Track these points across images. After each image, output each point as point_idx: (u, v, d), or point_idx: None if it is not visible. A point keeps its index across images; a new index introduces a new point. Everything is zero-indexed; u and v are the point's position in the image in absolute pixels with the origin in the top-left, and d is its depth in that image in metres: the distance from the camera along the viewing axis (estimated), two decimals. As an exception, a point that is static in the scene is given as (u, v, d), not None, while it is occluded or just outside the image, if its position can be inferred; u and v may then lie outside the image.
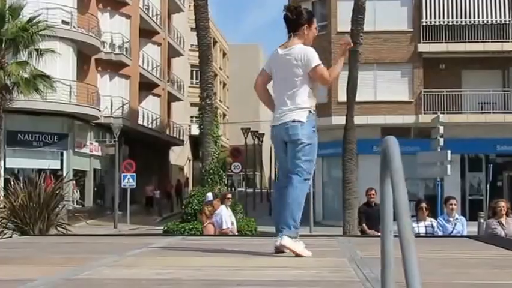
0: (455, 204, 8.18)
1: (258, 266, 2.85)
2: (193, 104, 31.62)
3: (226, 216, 7.90)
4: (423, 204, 8.28)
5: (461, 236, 6.63)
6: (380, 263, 1.42)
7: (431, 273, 2.33)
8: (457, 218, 8.07)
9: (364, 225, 9.79)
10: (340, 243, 4.33)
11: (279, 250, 3.06)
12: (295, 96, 3.26)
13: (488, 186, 17.33)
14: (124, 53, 24.22)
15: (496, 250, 3.70)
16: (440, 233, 7.86)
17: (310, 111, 3.25)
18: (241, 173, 28.59)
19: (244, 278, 2.47)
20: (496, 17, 20.53)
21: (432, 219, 8.32)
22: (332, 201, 21.09)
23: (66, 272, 2.61)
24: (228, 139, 28.62)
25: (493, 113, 20.47)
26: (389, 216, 1.38)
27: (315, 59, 3.26)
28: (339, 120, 16.70)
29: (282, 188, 3.29)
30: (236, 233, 8.95)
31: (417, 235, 7.28)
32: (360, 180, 14.89)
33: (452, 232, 7.85)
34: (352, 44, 3.43)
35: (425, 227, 8.03)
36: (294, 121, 3.21)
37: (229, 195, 10.26)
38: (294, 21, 3.31)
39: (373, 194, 9.48)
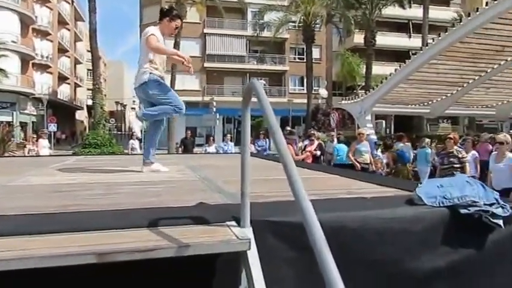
0: (225, 136, 14.39)
1: (136, 174, 3.59)
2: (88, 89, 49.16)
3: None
4: (211, 138, 14.30)
5: (235, 153, 9.49)
6: (240, 169, 1.62)
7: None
8: (229, 144, 12.86)
9: (180, 149, 14.34)
10: (176, 158, 5.88)
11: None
12: (140, 62, 3.75)
13: (235, 129, 36.53)
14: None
15: (258, 160, 5.19)
16: (222, 152, 11.42)
17: (150, 73, 3.66)
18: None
19: (129, 180, 3.16)
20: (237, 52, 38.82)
21: (215, 145, 13.43)
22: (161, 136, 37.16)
23: (7, 179, 3.23)
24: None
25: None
26: (247, 136, 1.69)
27: (149, 32, 3.68)
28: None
29: None
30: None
31: (208, 153, 11.62)
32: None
33: (226, 151, 11.55)
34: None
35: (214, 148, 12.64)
36: (141, 85, 3.70)
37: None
38: (161, 14, 3.90)
39: (189, 134, 14.75)
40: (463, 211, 1.95)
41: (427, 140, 10.38)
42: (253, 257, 1.43)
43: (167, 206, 1.94)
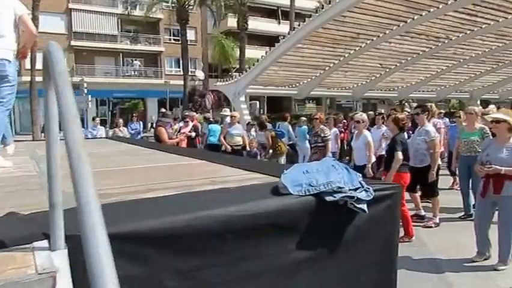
0: (93, 119, 12.62)
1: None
2: None
3: None
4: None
5: (105, 137, 8.70)
6: (47, 170, 1.21)
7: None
8: (98, 128, 11.24)
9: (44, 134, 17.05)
10: (27, 146, 4.94)
11: None
12: (3, 38, 3.09)
13: (110, 112, 33.94)
14: None
15: (126, 145, 4.73)
16: (91, 137, 9.78)
17: (13, 53, 3.16)
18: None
19: None
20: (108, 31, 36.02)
21: (84, 129, 10.66)
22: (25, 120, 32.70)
23: None
24: None
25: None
26: (54, 122, 1.24)
27: (24, 7, 3.18)
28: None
29: None
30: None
31: (88, 138, 9.02)
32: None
33: (96, 136, 10.21)
34: None
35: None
36: (2, 59, 3.06)
37: None
38: None
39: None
40: (328, 198, 1.78)
41: (304, 118, 11.11)
42: (62, 296, 0.98)
43: None
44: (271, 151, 10.11)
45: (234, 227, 1.55)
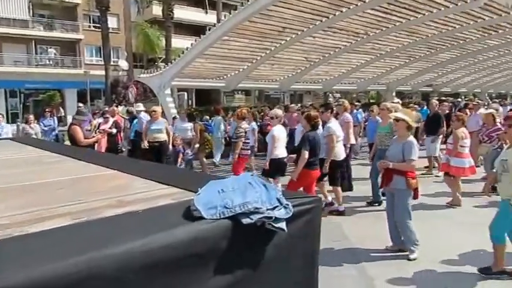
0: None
1: None
2: None
3: None
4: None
5: (9, 138, 6.70)
6: None
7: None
8: (2, 125, 9.98)
9: None
10: None
11: None
12: None
13: (22, 105, 30.97)
14: None
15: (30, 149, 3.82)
16: None
17: None
18: None
19: None
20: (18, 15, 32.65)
21: None
22: None
23: None
24: None
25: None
26: None
27: None
28: None
29: None
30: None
31: None
32: None
33: (0, 134, 9.12)
34: None
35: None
36: None
37: None
38: None
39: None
40: (245, 221, 1.64)
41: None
42: None
43: None
44: (197, 145, 9.88)
45: (137, 265, 1.36)
